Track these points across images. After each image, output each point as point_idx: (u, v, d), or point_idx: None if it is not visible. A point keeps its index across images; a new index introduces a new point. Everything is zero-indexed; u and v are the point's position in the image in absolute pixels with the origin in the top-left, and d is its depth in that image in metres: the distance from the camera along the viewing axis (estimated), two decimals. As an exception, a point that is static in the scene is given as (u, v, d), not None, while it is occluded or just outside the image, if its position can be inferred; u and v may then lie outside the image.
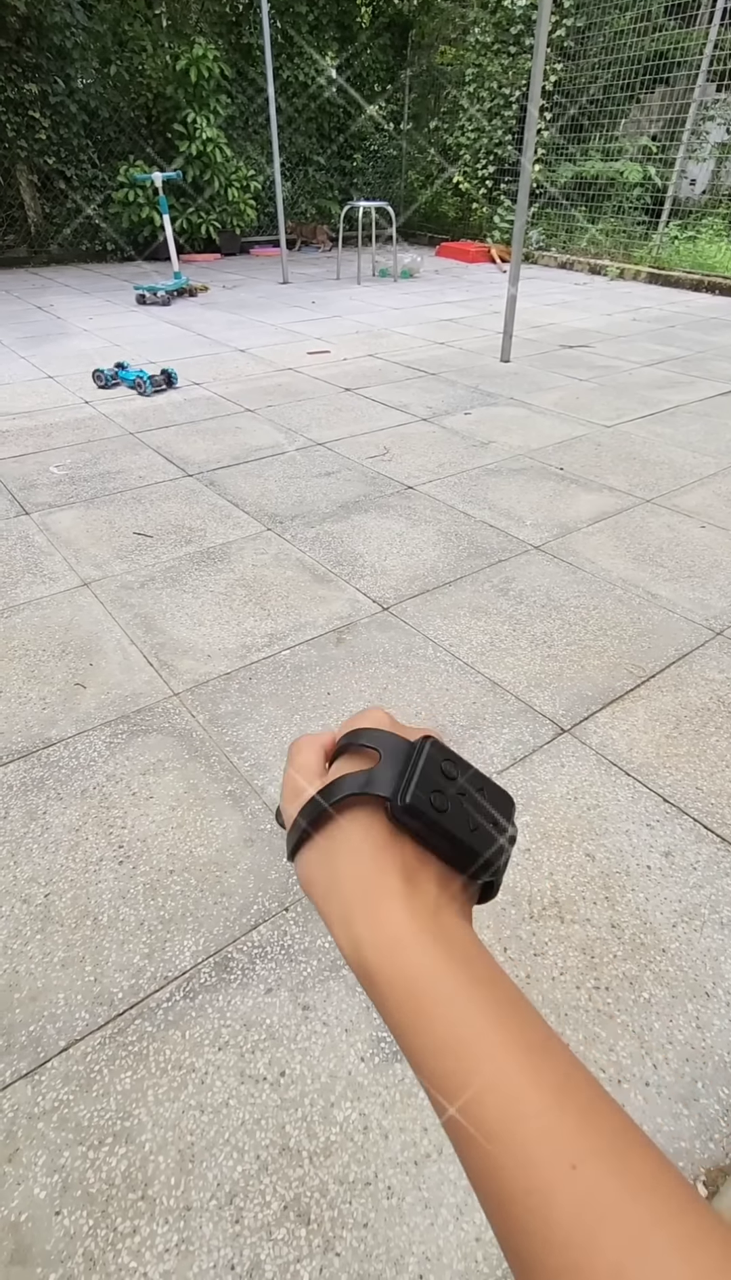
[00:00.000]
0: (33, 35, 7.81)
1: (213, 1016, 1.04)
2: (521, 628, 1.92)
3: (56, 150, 8.45)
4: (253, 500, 2.65)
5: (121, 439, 3.25)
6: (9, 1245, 0.82)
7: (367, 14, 10.01)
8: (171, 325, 5.58)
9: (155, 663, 1.79)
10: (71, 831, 1.34)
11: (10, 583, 2.14)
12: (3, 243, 8.82)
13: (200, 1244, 0.82)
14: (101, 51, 8.29)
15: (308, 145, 10.18)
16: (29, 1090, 0.96)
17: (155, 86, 8.47)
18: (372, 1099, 0.94)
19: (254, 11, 8.83)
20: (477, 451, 3.11)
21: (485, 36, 8.64)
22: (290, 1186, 0.86)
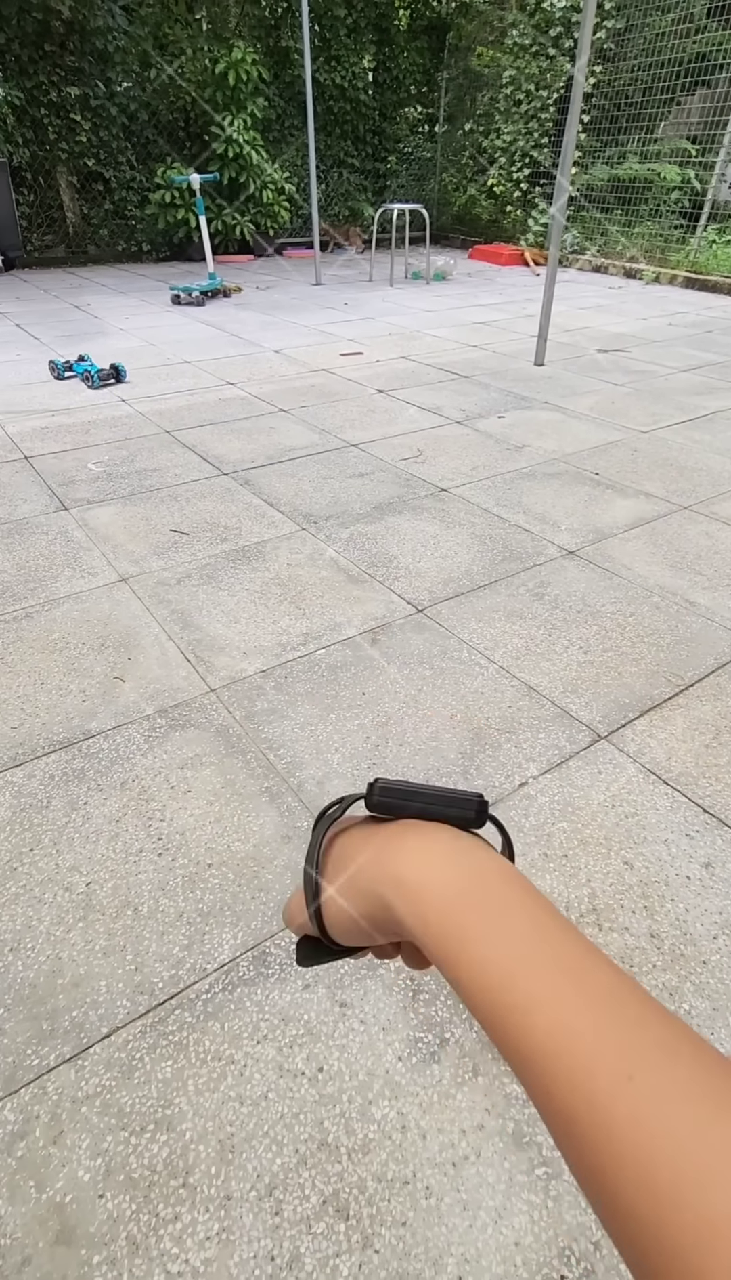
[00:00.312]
0: (76, 39, 7.95)
1: (251, 1010, 1.05)
2: (557, 633, 1.91)
3: (96, 152, 8.59)
4: (287, 500, 2.67)
5: (157, 437, 3.30)
6: (55, 1226, 0.84)
7: (405, 17, 10.02)
8: (206, 325, 5.64)
9: (192, 659, 1.82)
10: (112, 822, 1.36)
11: (50, 577, 2.18)
12: (42, 243, 8.98)
13: (241, 1234, 0.83)
14: (141, 55, 8.41)
15: (342, 147, 10.22)
16: (72, 1075, 0.98)
17: (194, 89, 8.57)
18: (410, 1099, 0.95)
19: (292, 15, 8.89)
20: (511, 455, 3.10)
21: (523, 39, 8.61)
22: (329, 1182, 0.87)
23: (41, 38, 7.76)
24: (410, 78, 10.39)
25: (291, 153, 9.59)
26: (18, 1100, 0.95)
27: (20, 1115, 0.93)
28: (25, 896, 1.22)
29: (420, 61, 10.30)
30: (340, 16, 9.30)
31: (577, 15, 8.07)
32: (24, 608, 2.02)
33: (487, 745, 1.53)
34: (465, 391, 3.96)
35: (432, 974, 1.10)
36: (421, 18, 10.08)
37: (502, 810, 1.38)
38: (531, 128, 9.05)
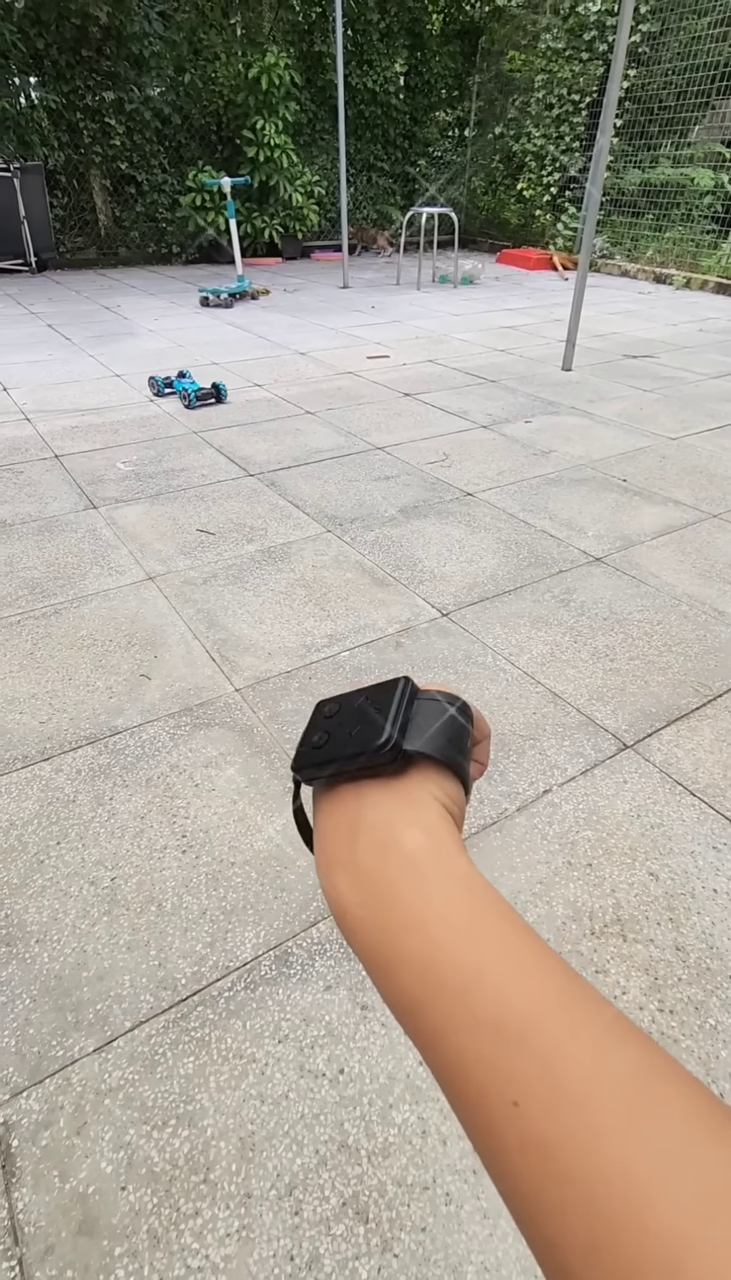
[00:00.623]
0: (113, 44, 8.06)
1: (273, 1009, 1.06)
2: (583, 640, 1.90)
3: (129, 156, 8.70)
4: (313, 502, 2.68)
5: (185, 437, 3.33)
6: (78, 1216, 0.85)
7: (439, 21, 10.04)
8: (233, 327, 5.68)
9: (217, 658, 1.83)
10: (137, 818, 1.37)
11: (79, 574, 2.21)
12: (74, 244, 9.12)
13: (260, 1232, 0.83)
14: (176, 60, 8.51)
15: (372, 151, 10.25)
16: (96, 1067, 0.99)
17: (226, 94, 8.66)
18: (431, 1104, 0.95)
19: (326, 20, 8.95)
20: (538, 460, 3.08)
21: (556, 43, 8.58)
22: (349, 1184, 0.87)
23: (79, 43, 7.88)
24: (441, 82, 10.40)
25: (321, 156, 9.65)
26: (42, 1090, 0.96)
27: (45, 1105, 0.95)
28: (52, 889, 1.24)
29: (452, 66, 10.31)
30: (373, 21, 9.34)
31: (612, 19, 8.03)
32: (53, 604, 2.05)
33: (511, 751, 1.52)
34: (492, 396, 3.95)
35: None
36: (454, 22, 10.09)
37: (526, 817, 1.37)
38: (562, 132, 9.01)
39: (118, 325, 5.74)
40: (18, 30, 7.54)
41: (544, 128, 9.13)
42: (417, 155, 10.72)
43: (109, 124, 8.41)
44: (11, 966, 1.11)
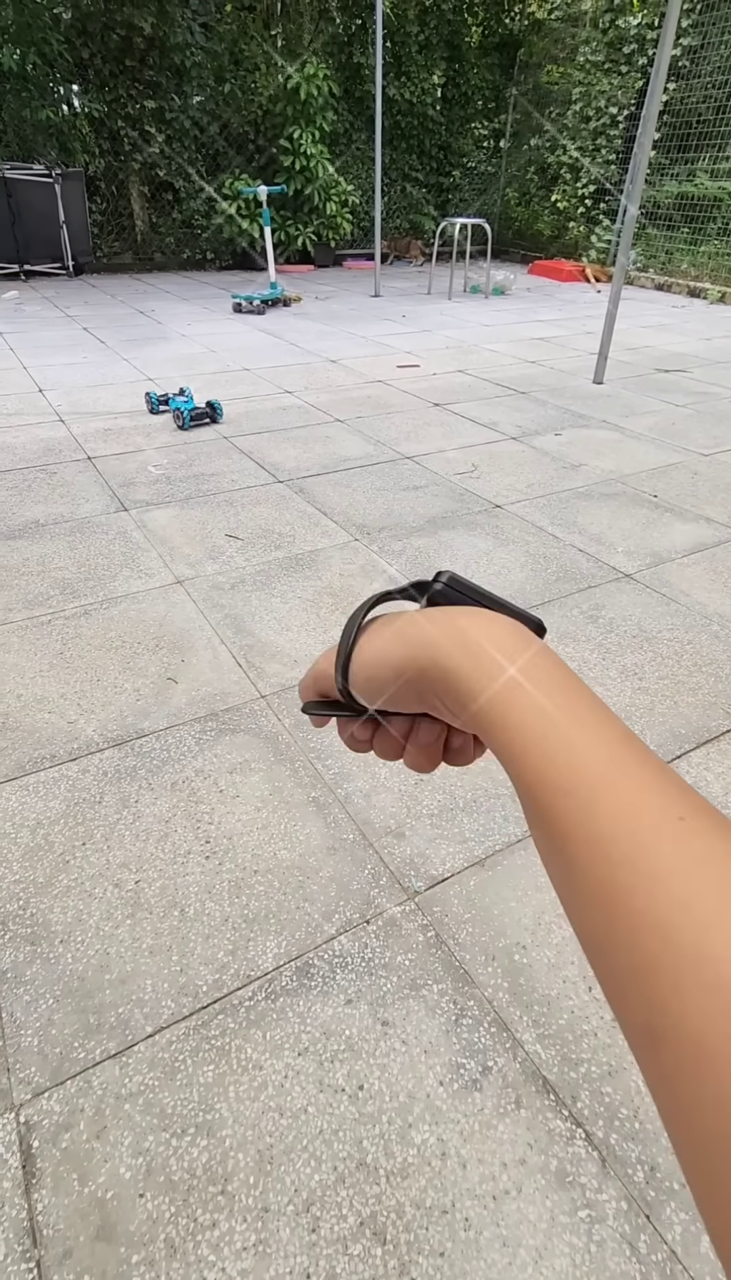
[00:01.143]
0: (156, 55, 8.21)
1: (293, 1021, 1.05)
2: (611, 657, 1.88)
3: (168, 163, 8.84)
4: (341, 510, 2.69)
5: (215, 442, 3.36)
6: (96, 1220, 0.85)
7: (478, 34, 10.09)
8: (265, 334, 5.73)
9: (243, 664, 1.84)
10: (161, 822, 1.38)
11: (109, 576, 2.23)
12: (111, 249, 9.28)
13: (277, 1248, 0.83)
14: (217, 70, 8.64)
15: (407, 161, 10.32)
16: (117, 1071, 0.99)
17: (265, 103, 8.77)
18: (451, 1125, 0.94)
19: (365, 32, 9.04)
20: (568, 474, 3.07)
21: (595, 56, 8.58)
22: (367, 1203, 0.86)
23: (123, 53, 8.04)
24: (478, 94, 10.44)
25: (356, 166, 9.73)
26: (63, 1091, 0.97)
27: (65, 1107, 0.95)
28: (76, 890, 1.25)
29: (489, 78, 10.35)
30: (412, 33, 9.41)
31: (652, 33, 8.02)
32: (83, 605, 2.07)
33: (537, 768, 1.51)
34: (522, 407, 3.93)
35: (476, 999, 1.08)
36: (493, 35, 10.13)
37: (551, 836, 1.36)
38: (598, 144, 8.99)
39: (151, 330, 5.82)
40: (64, 40, 7.71)
41: (580, 140, 9.13)
42: (452, 166, 10.77)
43: (149, 132, 8.56)
44: (36, 965, 1.12)
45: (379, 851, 1.33)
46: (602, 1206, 0.86)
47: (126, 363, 4.74)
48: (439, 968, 1.13)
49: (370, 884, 1.26)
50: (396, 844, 1.34)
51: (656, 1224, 0.85)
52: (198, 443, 3.34)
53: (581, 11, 8.76)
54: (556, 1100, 0.96)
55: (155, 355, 4.95)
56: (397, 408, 3.91)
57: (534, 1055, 1.01)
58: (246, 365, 4.72)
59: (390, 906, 1.23)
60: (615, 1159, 0.91)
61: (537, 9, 9.64)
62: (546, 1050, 1.02)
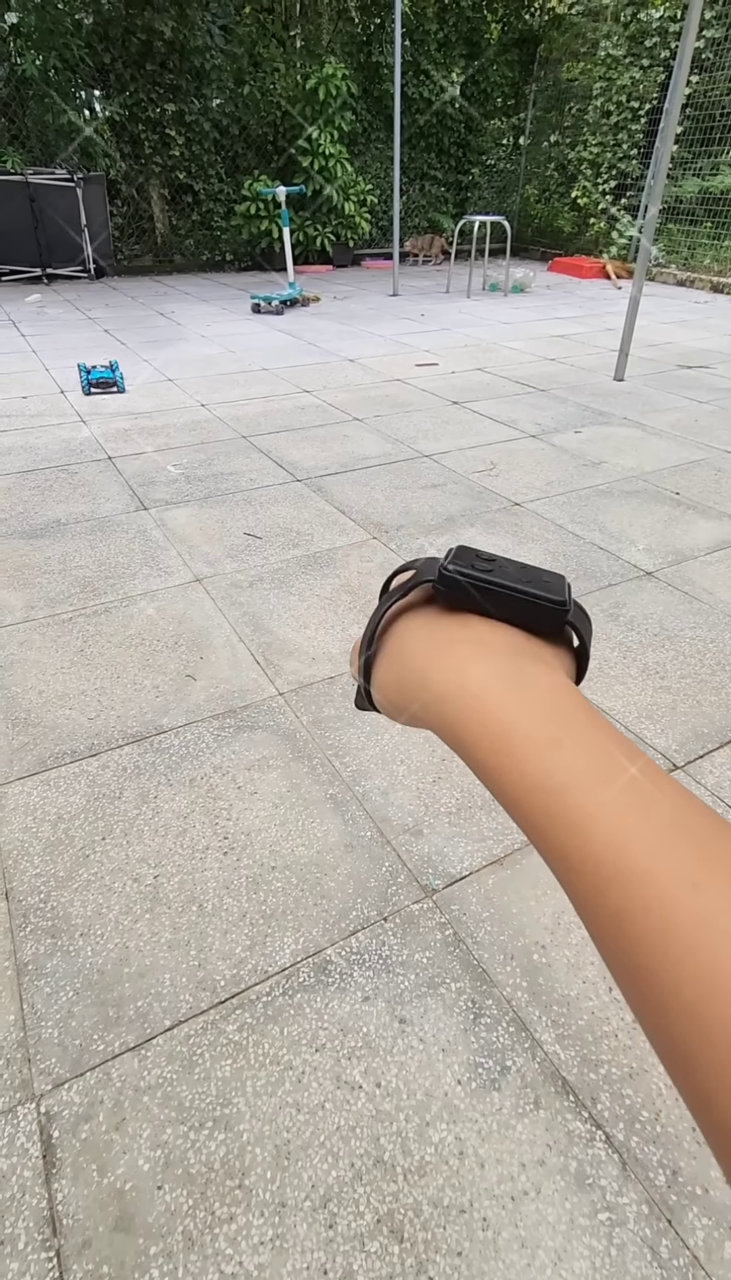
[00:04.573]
0: (176, 58, 8.27)
1: (310, 1017, 1.05)
2: (631, 656, 1.86)
3: (187, 166, 8.90)
4: (359, 508, 2.69)
5: (234, 442, 3.37)
6: (115, 1211, 0.85)
7: (497, 30, 10.03)
8: (284, 334, 5.75)
9: (261, 661, 1.84)
10: (180, 818, 1.39)
11: (129, 574, 2.25)
12: (131, 252, 9.36)
13: (294, 1243, 0.83)
14: (236, 72, 8.68)
15: (425, 160, 10.29)
16: (136, 1063, 1.00)
17: (284, 104, 8.80)
18: (469, 1125, 0.93)
19: (384, 31, 9.03)
20: (588, 471, 3.04)
21: (617, 50, 8.49)
22: (384, 1201, 0.86)
23: (144, 57, 8.11)
24: (497, 91, 10.38)
25: (375, 165, 9.72)
26: (83, 1083, 0.98)
27: (85, 1098, 0.96)
28: (96, 884, 1.26)
29: (509, 75, 10.29)
30: (431, 31, 9.38)
31: (675, 25, 7.92)
32: (103, 603, 2.09)
33: (557, 767, 1.50)
34: (541, 405, 3.91)
35: (495, 998, 1.08)
36: (513, 31, 10.07)
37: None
38: (619, 140, 8.91)
39: (171, 331, 5.86)
40: (86, 45, 7.79)
41: (601, 135, 9.04)
42: (471, 164, 10.72)
43: (169, 135, 8.63)
44: (56, 958, 1.13)
45: (396, 849, 1.32)
46: (623, 1210, 0.85)
47: (146, 363, 4.78)
48: (457, 966, 1.12)
49: (388, 881, 1.26)
50: (414, 842, 1.34)
51: (678, 1229, 0.84)
52: (216, 442, 3.36)
53: (602, 5, 8.68)
54: (576, 1101, 0.95)
55: (175, 356, 4.98)
56: (416, 406, 3.90)
57: (553, 1056, 1.00)
58: (265, 365, 4.74)
59: (408, 904, 1.22)
60: (636, 1162, 0.89)
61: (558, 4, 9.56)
62: (566, 1051, 1.01)
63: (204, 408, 3.87)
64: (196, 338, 5.59)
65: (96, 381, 4.04)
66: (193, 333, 5.78)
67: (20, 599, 2.11)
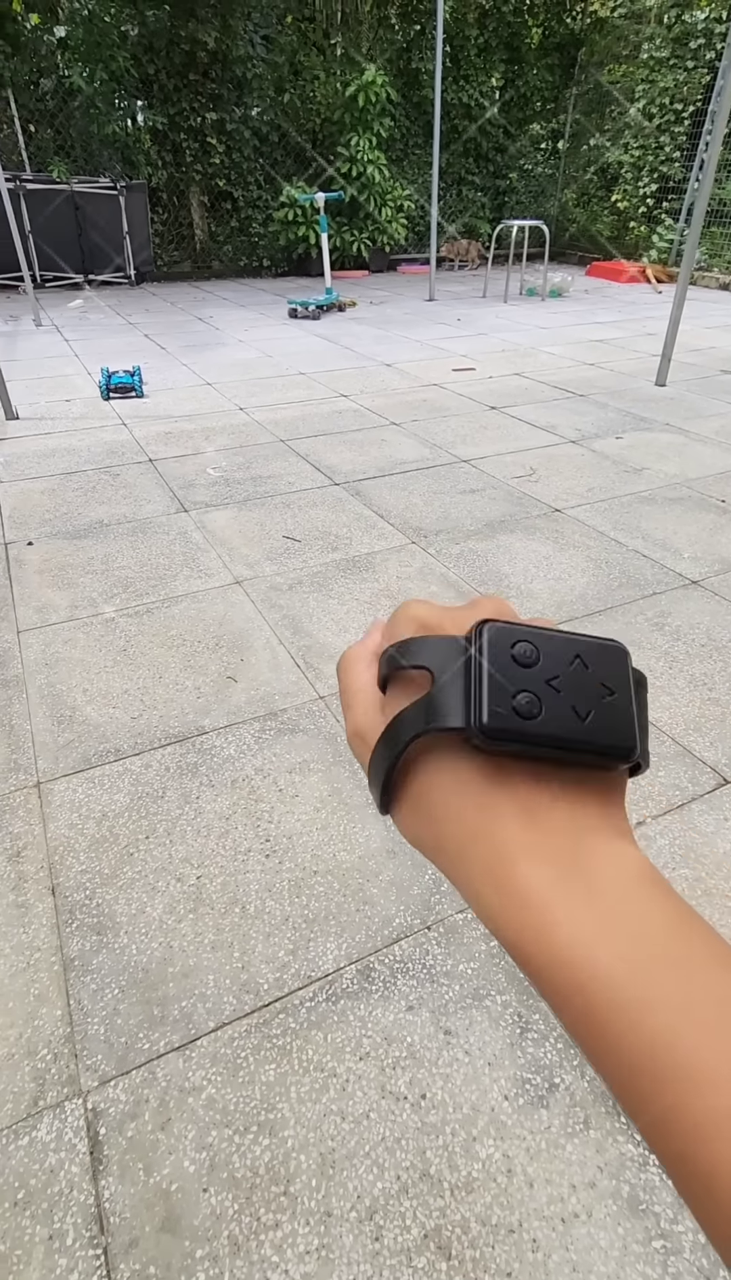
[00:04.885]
0: (218, 68, 8.39)
1: (354, 1024, 1.05)
2: (678, 666, 1.82)
3: (227, 173, 9.02)
4: (397, 512, 2.69)
5: (272, 445, 3.40)
6: (161, 1212, 0.85)
7: (538, 34, 9.99)
8: (320, 339, 5.78)
9: (301, 664, 1.85)
10: (222, 819, 1.39)
11: (170, 575, 2.27)
12: (171, 258, 9.51)
13: (340, 1254, 0.82)
14: (277, 81, 8.78)
15: (463, 165, 10.28)
16: (180, 1064, 1.00)
17: (323, 111, 8.87)
18: (517, 1142, 0.91)
19: (424, 37, 9.05)
20: (630, 478, 2.99)
21: (660, 52, 8.40)
22: (431, 1216, 0.85)
23: (187, 67, 8.25)
24: (537, 95, 10.34)
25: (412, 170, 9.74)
26: (129, 1081, 0.98)
27: (131, 1097, 0.96)
28: (140, 883, 1.27)
29: (549, 79, 10.23)
30: (472, 36, 9.38)
31: (720, 26, 7.80)
32: (145, 603, 2.12)
33: (602, 778, 1.47)
34: (581, 410, 3.86)
35: (542, 1013, 1.06)
36: (554, 35, 10.01)
37: (617, 849, 1.32)
38: (662, 142, 8.80)
39: (209, 335, 5.94)
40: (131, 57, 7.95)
41: (642, 138, 8.94)
42: (509, 169, 10.68)
43: (210, 143, 8.76)
44: (102, 955, 1.14)
45: (439, 857, 1.31)
46: (679, 1238, 0.83)
47: (186, 368, 4.84)
48: (502, 978, 1.11)
49: (431, 889, 1.25)
50: (457, 850, 1.32)
51: (736, 1261, 0.81)
52: (255, 446, 3.38)
53: (645, 7, 8.59)
54: (628, 1124, 0.93)
55: (213, 360, 5.04)
56: (453, 411, 3.88)
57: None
58: (302, 369, 4.77)
59: (451, 913, 1.21)
60: (691, 1189, 0.87)
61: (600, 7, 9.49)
62: (615, 1070, 0.98)
63: (242, 411, 3.90)
64: (234, 342, 5.65)
65: (116, 387, 4.14)
66: (230, 337, 5.84)
67: (64, 598, 2.14)
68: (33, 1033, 1.03)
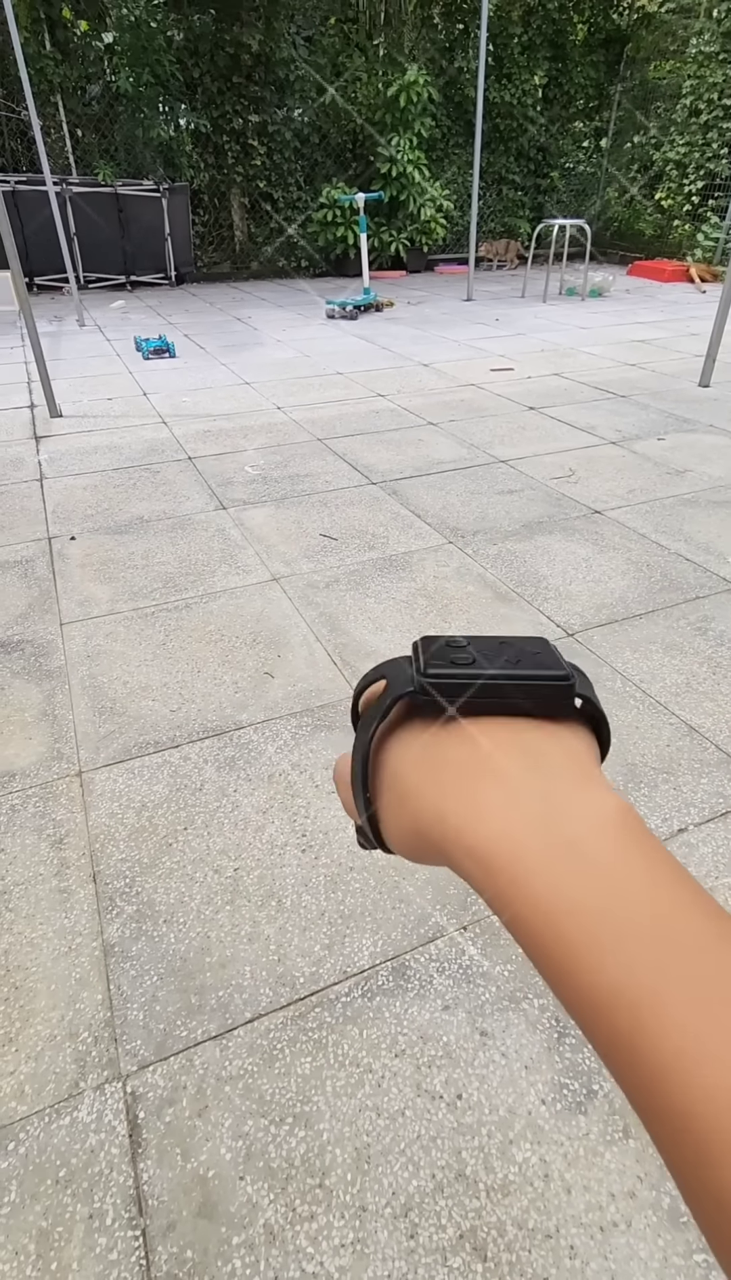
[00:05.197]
0: (261, 70, 8.47)
1: (389, 1021, 1.04)
2: (722, 671, 1.78)
3: (268, 175, 9.10)
4: (434, 512, 2.68)
5: (309, 444, 3.41)
6: (198, 1197, 0.86)
7: (583, 31, 9.87)
8: (358, 338, 5.79)
9: (338, 661, 1.85)
10: (259, 813, 1.41)
11: (208, 571, 2.30)
12: (210, 259, 9.63)
13: (375, 1249, 0.82)
14: (319, 82, 8.83)
15: (503, 164, 10.22)
16: (217, 1053, 1.01)
17: (364, 112, 8.89)
18: (554, 1147, 0.90)
19: (467, 36, 9.01)
20: (672, 480, 2.94)
21: (709, 47, 8.23)
22: (466, 1216, 0.84)
23: (231, 70, 8.34)
24: (581, 93, 10.22)
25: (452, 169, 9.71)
26: (167, 1067, 1.00)
27: (169, 1083, 0.98)
28: (178, 873, 1.28)
29: (593, 76, 10.11)
30: (516, 34, 9.31)
31: (773, 19, 7.62)
32: (184, 599, 2.15)
33: (643, 784, 1.45)
34: (621, 411, 3.81)
35: (580, 1019, 1.04)
36: (600, 31, 9.89)
37: (658, 855, 1.29)
38: (709, 139, 8.62)
39: (247, 335, 5.99)
40: (176, 61, 8.07)
41: (689, 135, 8.78)
42: (551, 167, 10.58)
43: (251, 145, 8.85)
44: (141, 942, 1.16)
45: (475, 858, 1.30)
46: (721, 1254, 0.81)
47: (224, 367, 4.89)
48: (539, 982, 1.09)
49: (468, 890, 1.24)
50: (493, 851, 1.31)
51: (782, 1281, 0.79)
52: (292, 444, 3.40)
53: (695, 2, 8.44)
54: (668, 1134, 0.91)
55: (251, 360, 5.09)
56: (491, 411, 3.86)
57: (642, 1084, 0.96)
58: (339, 369, 4.78)
59: (488, 914, 1.20)
60: (734, 1204, 0.85)
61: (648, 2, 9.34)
62: (656, 1080, 0.97)
63: (280, 410, 3.93)
64: (272, 342, 5.69)
65: (154, 349, 5.04)
66: (268, 337, 5.89)
67: (106, 592, 2.18)
68: (74, 1015, 1.06)
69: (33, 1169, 0.89)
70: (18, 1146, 0.91)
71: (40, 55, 7.70)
